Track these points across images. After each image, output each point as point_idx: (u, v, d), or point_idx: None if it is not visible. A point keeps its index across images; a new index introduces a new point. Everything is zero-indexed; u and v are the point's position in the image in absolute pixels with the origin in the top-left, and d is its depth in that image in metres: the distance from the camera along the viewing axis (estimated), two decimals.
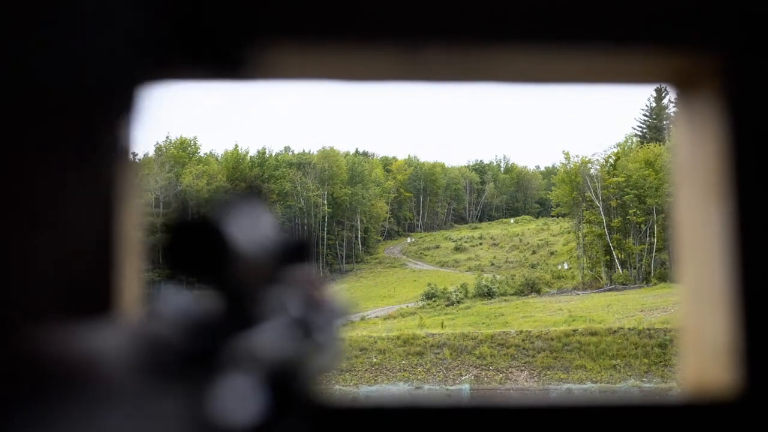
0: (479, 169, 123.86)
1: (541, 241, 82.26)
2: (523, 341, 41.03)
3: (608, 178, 65.21)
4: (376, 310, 57.43)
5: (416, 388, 37.43)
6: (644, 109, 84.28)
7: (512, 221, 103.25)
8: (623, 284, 59.38)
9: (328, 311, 0.67)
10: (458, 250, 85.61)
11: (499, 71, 0.90)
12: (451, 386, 37.92)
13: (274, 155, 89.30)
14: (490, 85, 0.91)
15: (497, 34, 0.83)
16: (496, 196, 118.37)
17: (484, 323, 47.16)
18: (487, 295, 57.18)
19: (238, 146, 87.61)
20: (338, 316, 0.69)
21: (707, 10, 0.84)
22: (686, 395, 0.88)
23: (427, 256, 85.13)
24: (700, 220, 0.90)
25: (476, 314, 51.42)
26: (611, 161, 67.46)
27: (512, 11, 0.83)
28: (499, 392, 36.63)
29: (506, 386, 38.15)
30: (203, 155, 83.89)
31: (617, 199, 63.93)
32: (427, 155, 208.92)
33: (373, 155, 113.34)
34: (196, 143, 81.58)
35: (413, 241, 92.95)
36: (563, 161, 71.56)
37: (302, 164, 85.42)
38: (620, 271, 62.30)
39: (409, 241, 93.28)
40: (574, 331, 41.45)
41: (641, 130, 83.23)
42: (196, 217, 0.49)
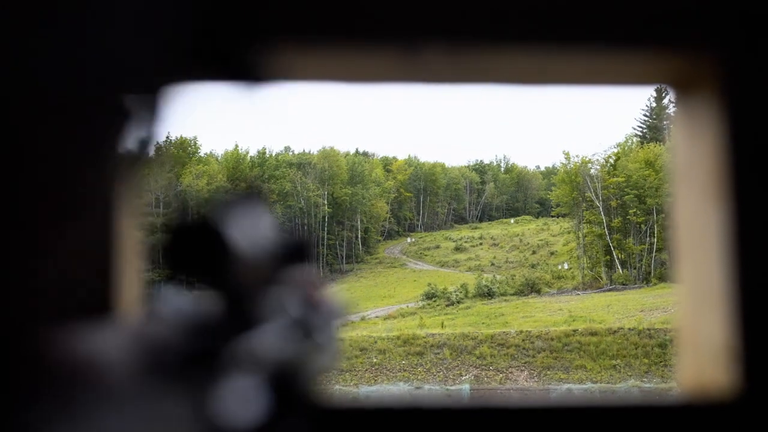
0: (479, 169, 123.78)
1: (541, 241, 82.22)
2: (523, 341, 41.00)
3: (608, 178, 65.18)
4: (376, 310, 57.39)
5: (416, 388, 37.40)
6: (644, 109, 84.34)
7: (512, 221, 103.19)
8: (623, 284, 59.35)
9: (327, 311, 0.66)
10: (458, 250, 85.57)
11: (498, 72, 0.90)
12: (451, 386, 37.88)
13: (274, 155, 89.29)
14: (489, 86, 0.91)
15: (497, 35, 0.83)
16: (496, 196, 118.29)
17: (484, 323, 47.12)
18: (487, 295, 57.15)
19: (238, 146, 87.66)
20: (337, 316, 0.69)
21: (706, 11, 0.85)
22: (684, 396, 0.88)
23: (427, 256, 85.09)
24: (698, 220, 0.90)
25: (476, 314, 51.38)
26: (611, 161, 67.43)
27: (512, 12, 0.83)
28: (499, 392, 36.60)
29: (506, 386, 38.11)
30: (203, 155, 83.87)
31: (617, 199, 63.90)
32: (427, 155, 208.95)
33: (373, 155, 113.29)
34: (196, 143, 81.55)
35: (413, 241, 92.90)
36: (563, 161, 71.60)
37: (302, 164, 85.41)
38: (620, 271, 62.27)
39: (409, 241, 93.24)
40: (574, 331, 41.42)
41: (641, 130, 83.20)
42: (196, 218, 0.48)
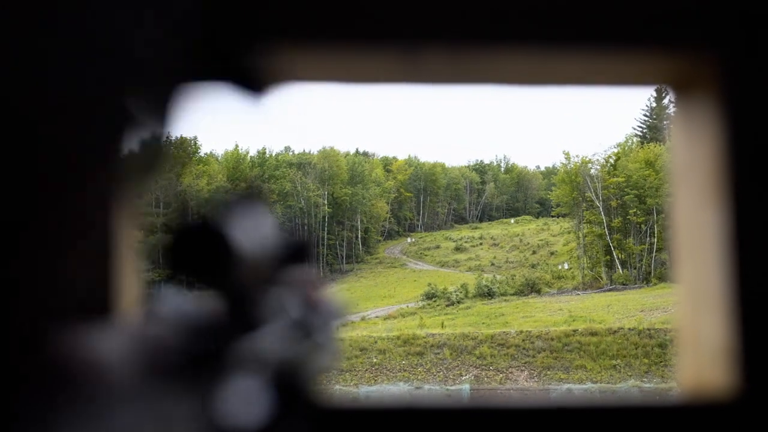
0: (479, 169, 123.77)
1: (541, 241, 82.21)
2: (523, 341, 40.99)
3: (608, 178, 65.18)
4: (376, 310, 57.40)
5: (416, 388, 37.40)
6: (644, 109, 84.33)
7: (512, 221, 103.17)
8: (623, 284, 59.35)
9: (326, 312, 0.66)
10: (458, 250, 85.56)
11: (498, 73, 0.89)
12: (451, 386, 37.88)
13: (274, 155, 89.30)
14: (488, 86, 0.91)
15: (496, 35, 0.83)
16: (496, 196, 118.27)
17: (484, 323, 47.12)
18: (487, 295, 57.14)
19: (238, 146, 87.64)
20: (336, 316, 0.69)
21: (706, 11, 0.85)
22: (683, 396, 0.88)
23: (427, 256, 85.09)
24: (697, 221, 0.90)
25: (476, 314, 51.38)
26: (611, 161, 67.43)
27: (512, 13, 0.83)
28: (499, 392, 36.60)
29: (506, 386, 38.11)
30: (203, 155, 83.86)
31: (617, 199, 63.90)
32: (427, 155, 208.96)
33: (373, 155, 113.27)
34: (196, 143, 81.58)
35: (413, 241, 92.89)
36: (563, 161, 71.58)
37: (302, 164, 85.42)
38: (620, 271, 62.27)
39: (409, 241, 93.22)
40: (574, 331, 41.42)
41: (641, 130, 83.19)
42: (197, 218, 0.48)
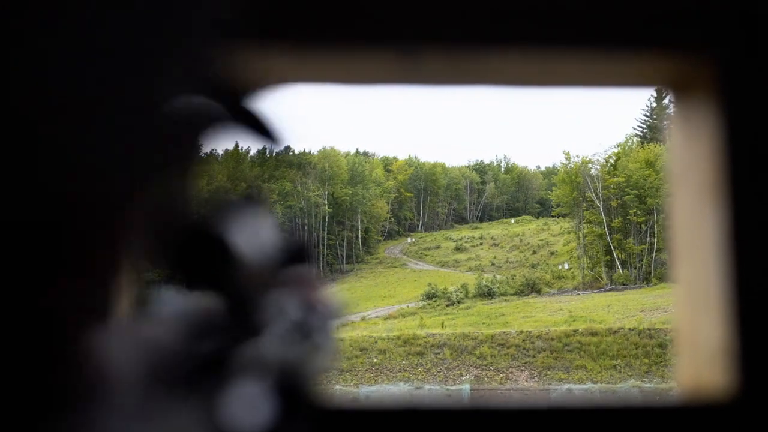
0: (480, 169, 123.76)
1: (541, 241, 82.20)
2: (523, 341, 41.00)
3: (609, 178, 65.18)
4: (376, 310, 57.40)
5: (416, 388, 37.41)
6: (645, 109, 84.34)
7: (513, 221, 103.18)
8: (624, 284, 59.35)
9: (325, 312, 0.67)
10: (459, 250, 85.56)
11: (497, 74, 0.89)
12: (451, 386, 37.89)
13: (274, 155, 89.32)
14: (488, 88, 0.91)
15: (496, 36, 0.83)
16: (496, 196, 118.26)
17: (484, 323, 47.12)
18: (487, 295, 57.15)
19: (238, 146, 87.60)
20: (335, 316, 0.69)
21: (705, 12, 0.85)
22: (682, 397, 0.88)
23: (427, 256, 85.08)
24: (696, 221, 0.90)
25: (477, 314, 51.39)
26: (612, 161, 67.43)
27: (511, 14, 0.83)
28: (499, 392, 36.61)
29: (507, 386, 38.12)
30: (203, 155, 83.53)
31: (618, 199, 63.90)
32: (427, 155, 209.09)
33: (373, 155, 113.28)
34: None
35: (414, 241, 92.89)
36: (564, 161, 71.61)
37: (302, 164, 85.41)
38: (621, 271, 62.27)
39: (409, 241, 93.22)
40: (574, 331, 41.42)
41: (642, 130, 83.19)
42: (197, 221, 0.47)
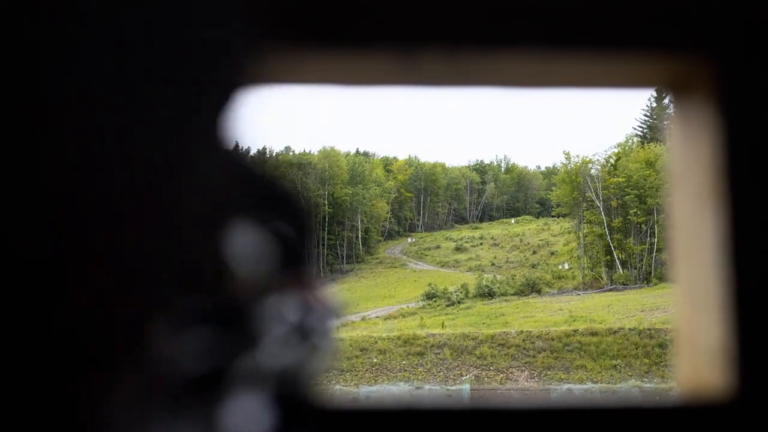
0: (480, 169, 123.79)
1: (541, 241, 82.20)
2: (523, 341, 40.98)
3: (609, 178, 65.17)
4: (376, 310, 57.38)
5: (417, 388, 37.39)
6: (645, 109, 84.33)
7: (513, 221, 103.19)
8: (624, 284, 59.32)
9: (323, 312, 0.66)
10: (459, 250, 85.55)
11: (497, 75, 0.89)
12: (451, 386, 37.87)
13: (274, 155, 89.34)
14: (487, 89, 0.90)
15: (496, 37, 0.83)
16: (496, 196, 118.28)
17: (484, 323, 47.10)
18: (487, 295, 57.13)
19: (238, 146, 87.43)
20: (333, 316, 0.68)
21: (703, 14, 0.85)
22: (681, 397, 0.88)
23: (427, 256, 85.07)
24: (695, 222, 0.91)
25: (477, 314, 51.37)
26: (612, 161, 67.42)
27: (511, 14, 0.83)
28: (499, 392, 36.60)
29: (507, 386, 38.10)
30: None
31: (618, 199, 63.89)
32: (427, 155, 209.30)
33: (373, 155, 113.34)
34: None
35: (414, 241, 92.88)
36: (564, 161, 71.63)
37: (303, 164, 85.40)
38: (621, 271, 62.25)
39: (409, 241, 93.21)
40: (574, 331, 41.40)
41: (642, 130, 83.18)
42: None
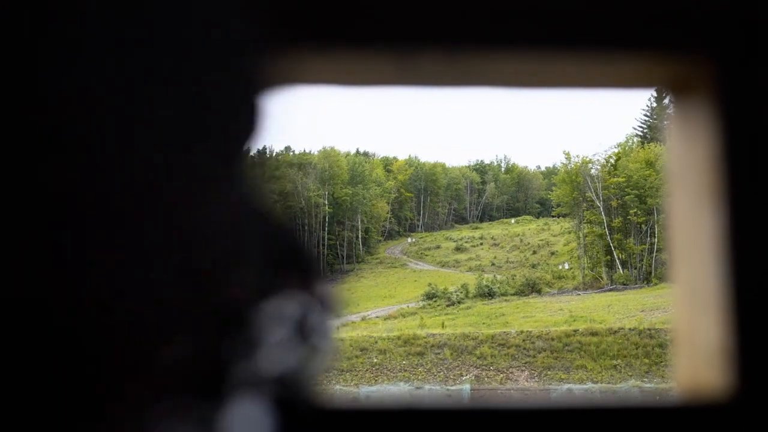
0: (480, 169, 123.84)
1: (541, 241, 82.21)
2: (523, 341, 41.00)
3: (609, 178, 65.18)
4: (376, 310, 57.41)
5: (417, 388, 37.40)
6: (645, 109, 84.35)
7: (513, 221, 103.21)
8: (624, 284, 59.34)
9: (322, 312, 0.66)
10: (459, 250, 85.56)
11: (496, 75, 0.89)
12: (451, 386, 37.89)
13: (274, 155, 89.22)
14: (487, 89, 0.90)
15: (495, 37, 0.83)
16: (496, 196, 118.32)
17: (484, 323, 47.13)
18: (487, 295, 57.15)
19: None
20: (333, 316, 0.69)
21: (702, 14, 0.85)
22: (680, 397, 0.88)
23: (427, 256, 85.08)
24: (694, 222, 0.91)
25: (477, 314, 51.40)
26: (612, 161, 67.44)
27: (511, 14, 0.83)
28: (499, 392, 36.61)
29: (507, 386, 38.12)
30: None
31: (618, 199, 63.90)
32: (427, 155, 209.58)
33: (373, 155, 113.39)
34: None
35: (414, 241, 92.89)
36: (564, 161, 71.64)
37: (303, 164, 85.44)
38: (621, 271, 62.26)
39: (409, 241, 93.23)
40: (574, 331, 41.43)
41: (642, 130, 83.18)
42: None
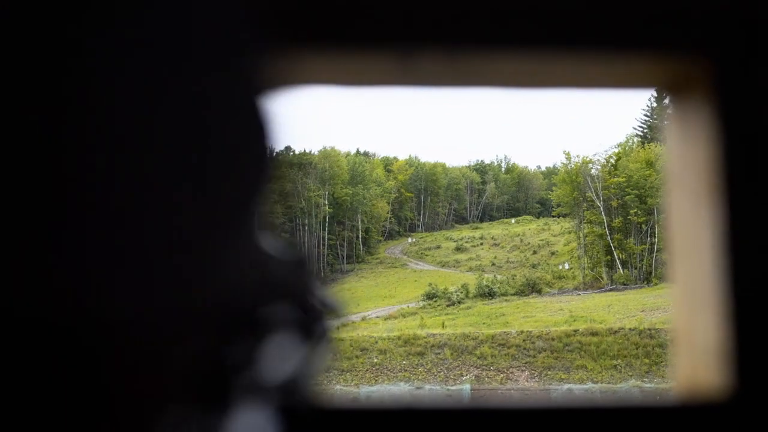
0: (480, 169, 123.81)
1: (542, 241, 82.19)
2: (524, 341, 40.99)
3: (609, 178, 65.17)
4: (377, 310, 57.40)
5: (417, 388, 37.40)
6: (645, 109, 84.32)
7: (513, 221, 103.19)
8: (624, 284, 59.33)
9: (324, 313, 0.66)
10: (459, 250, 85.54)
11: (495, 75, 0.89)
12: (451, 386, 37.89)
13: (275, 155, 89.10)
14: (486, 89, 0.90)
15: (495, 37, 0.83)
16: (497, 196, 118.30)
17: (485, 323, 47.13)
18: (488, 295, 57.15)
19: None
20: (333, 316, 0.68)
21: (701, 15, 0.86)
22: (678, 397, 0.89)
23: (428, 256, 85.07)
24: (692, 222, 0.91)
25: (477, 314, 51.39)
26: (612, 161, 67.42)
27: (511, 15, 0.83)
28: (499, 392, 36.61)
29: (507, 386, 38.12)
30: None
31: (618, 199, 63.89)
32: (428, 155, 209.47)
33: (374, 155, 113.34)
34: None
35: (414, 241, 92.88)
36: (564, 161, 71.62)
37: (303, 164, 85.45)
38: (621, 271, 62.25)
39: (410, 241, 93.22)
40: (575, 331, 41.42)
41: (642, 130, 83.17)
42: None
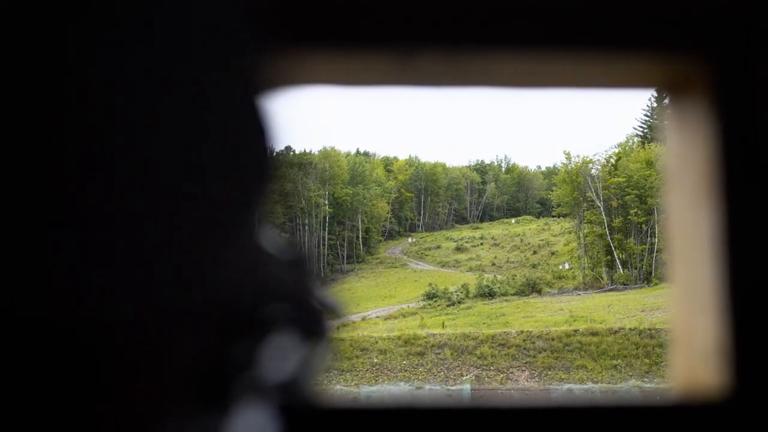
0: (480, 169, 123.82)
1: (542, 241, 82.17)
2: (524, 341, 41.00)
3: (609, 178, 65.16)
4: (377, 310, 57.39)
5: (417, 388, 37.41)
6: (645, 109, 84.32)
7: (513, 221, 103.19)
8: (624, 284, 59.31)
9: (323, 312, 0.65)
10: (459, 250, 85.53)
11: (495, 75, 0.89)
12: (452, 386, 37.89)
13: (275, 156, 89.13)
14: (486, 89, 0.90)
15: (494, 37, 0.83)
16: (497, 196, 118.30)
17: (485, 323, 47.12)
18: (488, 295, 57.13)
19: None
20: (333, 316, 0.68)
21: (699, 16, 0.86)
22: (677, 396, 0.89)
23: (428, 256, 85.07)
24: (690, 222, 0.91)
25: (477, 314, 51.38)
26: (612, 161, 67.40)
27: (510, 15, 0.83)
28: (500, 392, 36.61)
29: (507, 386, 38.12)
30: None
31: (618, 199, 63.88)
32: (428, 155, 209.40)
33: (374, 155, 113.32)
34: None
35: (414, 241, 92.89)
36: (564, 161, 71.57)
37: (303, 164, 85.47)
38: (621, 271, 62.24)
39: (410, 241, 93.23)
40: (575, 331, 41.42)
41: (642, 130, 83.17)
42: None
